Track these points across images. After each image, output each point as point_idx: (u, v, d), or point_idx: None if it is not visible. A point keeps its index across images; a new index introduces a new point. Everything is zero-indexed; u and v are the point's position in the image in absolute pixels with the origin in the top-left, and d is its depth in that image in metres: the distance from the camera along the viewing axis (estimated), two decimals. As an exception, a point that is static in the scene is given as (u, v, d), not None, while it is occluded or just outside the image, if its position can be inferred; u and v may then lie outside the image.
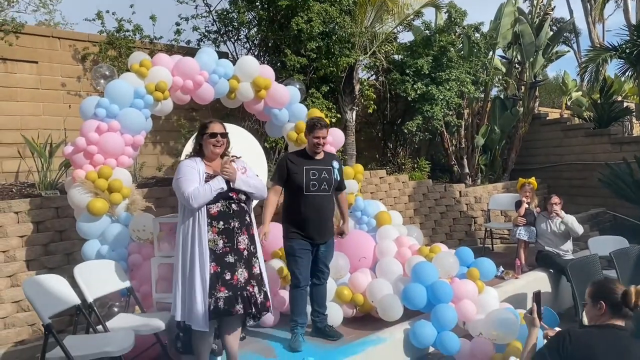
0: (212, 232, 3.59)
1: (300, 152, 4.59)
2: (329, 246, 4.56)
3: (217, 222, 3.62)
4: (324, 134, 4.42)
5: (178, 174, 3.65)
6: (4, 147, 6.17)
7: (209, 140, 3.75)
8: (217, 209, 3.64)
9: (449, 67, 8.79)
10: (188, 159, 3.82)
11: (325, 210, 4.47)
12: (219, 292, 3.55)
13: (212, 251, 3.58)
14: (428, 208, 8.83)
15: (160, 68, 4.99)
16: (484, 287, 5.07)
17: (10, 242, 4.86)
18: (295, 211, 4.39)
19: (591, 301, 2.86)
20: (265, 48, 7.90)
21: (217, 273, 3.56)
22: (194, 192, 3.52)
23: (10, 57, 6.20)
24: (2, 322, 4.71)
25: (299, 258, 4.37)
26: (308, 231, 4.38)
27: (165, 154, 7.46)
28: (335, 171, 4.53)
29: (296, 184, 4.36)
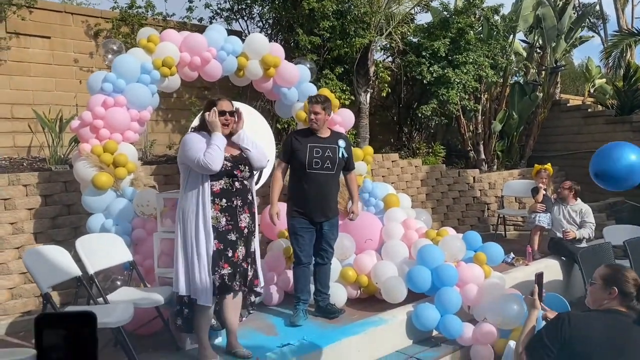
0: (214, 209, 3.59)
1: (306, 130, 4.58)
2: (332, 225, 4.52)
3: (220, 199, 3.60)
4: (317, 109, 4.37)
5: (184, 146, 3.59)
6: (17, 121, 6.23)
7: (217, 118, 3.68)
8: (220, 186, 3.62)
9: (466, 50, 8.61)
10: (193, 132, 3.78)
11: (328, 189, 4.42)
12: (223, 268, 3.57)
13: (215, 228, 3.58)
14: (441, 193, 8.72)
15: (167, 44, 4.96)
16: (490, 272, 4.99)
17: (18, 214, 4.92)
18: (298, 189, 4.38)
19: (602, 283, 2.73)
20: (278, 27, 7.81)
21: (219, 250, 3.58)
22: (207, 156, 3.47)
23: (23, 31, 6.23)
24: (9, 293, 4.78)
25: (300, 237, 4.37)
26: (310, 209, 4.35)
27: (176, 132, 7.46)
28: (341, 150, 4.47)
29: (299, 161, 4.35)
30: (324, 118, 4.45)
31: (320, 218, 4.41)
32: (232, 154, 3.71)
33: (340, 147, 4.47)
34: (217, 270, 3.56)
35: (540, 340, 2.66)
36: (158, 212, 4.38)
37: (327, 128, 4.56)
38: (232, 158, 3.70)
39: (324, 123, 4.49)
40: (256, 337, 4.20)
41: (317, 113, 4.40)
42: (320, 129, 4.45)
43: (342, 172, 4.63)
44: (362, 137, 8.17)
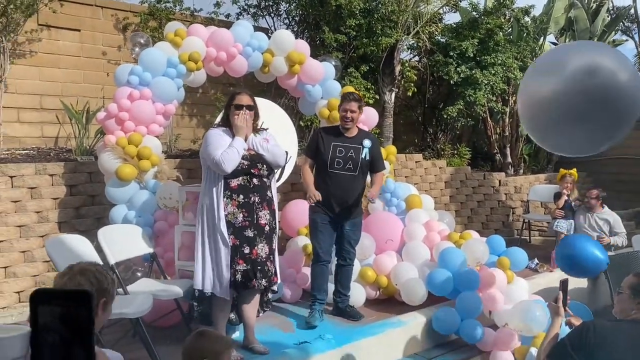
0: (232, 205, 3.60)
1: (333, 128, 4.52)
2: (355, 225, 4.43)
3: (237, 195, 3.61)
4: (353, 107, 4.27)
5: (205, 142, 3.64)
6: (45, 112, 6.33)
7: (235, 111, 3.70)
8: (237, 182, 3.63)
9: (495, 51, 8.47)
10: (216, 128, 3.81)
11: (350, 190, 4.31)
12: (237, 264, 3.58)
13: (231, 224, 3.59)
14: (465, 196, 8.59)
15: (194, 38, 4.98)
16: (513, 277, 4.89)
17: (44, 203, 4.99)
18: (320, 187, 4.29)
19: (630, 293, 2.64)
20: (304, 24, 7.79)
21: (235, 246, 3.58)
22: (223, 155, 3.49)
23: (54, 24, 6.33)
24: (33, 280, 4.86)
25: (320, 232, 4.31)
26: (331, 207, 4.29)
27: (201, 127, 7.50)
28: (365, 150, 4.34)
29: (322, 159, 4.29)
30: (358, 117, 4.36)
31: (341, 218, 4.34)
32: (250, 152, 3.71)
33: (364, 147, 4.34)
34: (233, 265, 3.58)
35: (563, 348, 2.59)
36: (180, 205, 4.40)
37: (355, 127, 4.44)
38: (250, 156, 3.69)
39: (356, 122, 4.40)
40: (273, 333, 4.19)
41: (354, 111, 4.28)
42: (352, 127, 4.36)
43: (370, 173, 4.48)
44: (385, 137, 8.09)
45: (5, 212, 4.78)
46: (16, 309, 4.69)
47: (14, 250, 4.78)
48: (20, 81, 6.12)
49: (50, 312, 0.90)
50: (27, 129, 6.23)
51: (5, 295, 4.67)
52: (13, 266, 4.76)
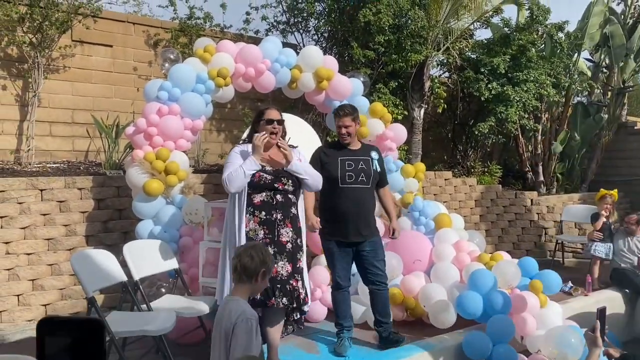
0: (253, 221, 3.55)
1: (335, 143, 4.30)
2: (374, 245, 4.14)
3: (260, 212, 3.55)
4: (346, 122, 4.05)
5: (226, 160, 3.67)
6: (77, 126, 6.43)
7: (265, 126, 3.65)
8: (261, 198, 3.58)
9: (527, 67, 8.30)
10: (241, 144, 3.77)
11: (365, 204, 4.07)
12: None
13: (252, 240, 3.51)
14: (496, 215, 8.40)
15: (223, 54, 4.99)
16: (547, 301, 4.70)
17: (72, 216, 5.04)
18: (331, 206, 4.07)
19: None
20: (333, 40, 7.78)
21: None
22: (229, 175, 3.46)
23: (87, 40, 6.45)
24: (59, 293, 4.89)
25: (336, 260, 4.10)
26: (344, 228, 4.02)
27: (228, 142, 7.52)
28: (375, 162, 4.15)
29: (330, 176, 4.02)
30: (355, 129, 4.13)
31: (357, 237, 4.04)
32: (274, 166, 3.65)
33: (373, 159, 4.16)
34: None
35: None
36: (205, 221, 4.38)
37: (357, 140, 4.24)
38: (274, 171, 3.63)
39: (355, 135, 4.17)
40: (297, 354, 4.10)
41: (348, 126, 4.07)
42: (353, 141, 4.15)
43: (376, 188, 4.28)
44: (414, 154, 7.98)
45: (35, 225, 4.83)
46: (42, 321, 4.71)
47: (42, 263, 4.82)
48: (53, 95, 6.24)
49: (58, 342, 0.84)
50: (59, 142, 6.33)
51: (32, 308, 4.71)
52: (41, 279, 4.79)
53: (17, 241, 4.73)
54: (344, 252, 4.10)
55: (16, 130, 6.01)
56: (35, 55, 5.82)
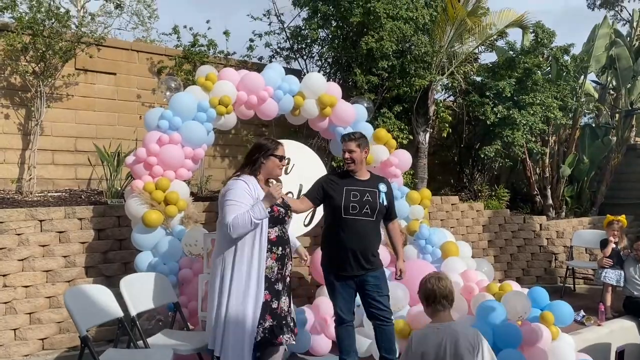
0: (271, 258, 3.41)
1: (343, 172, 4.16)
2: (377, 279, 3.98)
3: (277, 247, 3.45)
4: (351, 147, 3.94)
5: (228, 194, 3.32)
6: (80, 154, 6.39)
7: (276, 162, 3.56)
8: (276, 234, 3.47)
9: (533, 90, 8.24)
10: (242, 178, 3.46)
11: (367, 237, 3.93)
12: (266, 321, 3.37)
13: (267, 278, 3.40)
14: (504, 240, 8.24)
15: (225, 82, 4.96)
16: (559, 333, 4.54)
17: (71, 247, 4.95)
18: (333, 237, 3.96)
19: None
20: (337, 66, 7.75)
21: (266, 302, 3.39)
22: (234, 221, 3.22)
23: (91, 68, 6.45)
24: (57, 326, 4.78)
25: (339, 294, 3.98)
26: (345, 260, 3.88)
27: (232, 168, 7.45)
28: (382, 195, 4.01)
29: (334, 205, 3.93)
30: (361, 156, 3.99)
31: (357, 270, 3.90)
32: (283, 198, 3.58)
33: (381, 191, 4.01)
34: (262, 323, 3.34)
35: None
36: (205, 252, 4.28)
37: (365, 170, 4.11)
38: (284, 204, 3.57)
39: (361, 163, 4.02)
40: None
41: (352, 151, 3.94)
42: (357, 169, 4.01)
43: (383, 222, 4.17)
44: (420, 178, 7.88)
45: (33, 257, 4.75)
46: (39, 356, 4.60)
47: (40, 296, 4.73)
48: (56, 124, 6.22)
49: None
50: (61, 170, 6.28)
51: (29, 342, 4.60)
52: (38, 312, 4.70)
53: (15, 273, 4.65)
54: (345, 285, 3.97)
55: (18, 159, 5.98)
56: (38, 84, 5.81)
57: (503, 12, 8.28)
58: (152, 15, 13.87)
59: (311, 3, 7.23)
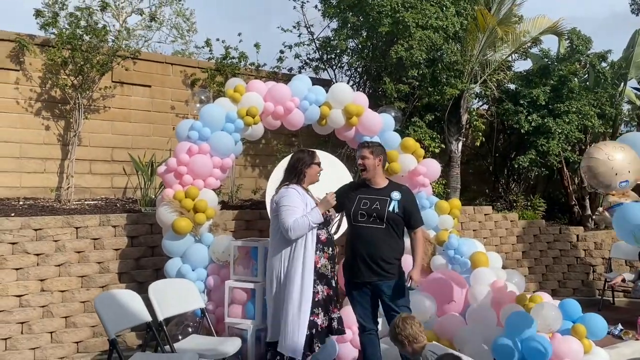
0: (324, 257, 3.73)
1: (362, 181, 4.14)
2: (392, 289, 3.91)
3: (328, 248, 3.78)
4: (363, 153, 3.95)
5: (283, 200, 3.67)
6: (116, 164, 6.62)
7: (316, 169, 3.90)
8: (325, 235, 3.79)
9: (569, 98, 8.07)
10: (292, 186, 3.76)
11: (377, 244, 3.86)
12: (333, 312, 3.79)
13: (324, 275, 3.72)
14: (539, 251, 8.05)
15: (252, 94, 5.06)
16: (591, 346, 4.41)
17: (105, 254, 5.12)
18: (348, 244, 4.01)
19: None
20: (366, 76, 7.79)
21: (329, 295, 3.77)
22: (294, 224, 3.58)
23: (127, 80, 6.68)
24: (91, 330, 4.93)
25: (357, 304, 3.99)
26: (358, 267, 3.89)
27: (262, 178, 7.56)
28: (393, 203, 3.94)
29: (347, 213, 4.00)
30: (374, 163, 3.96)
31: (370, 277, 3.86)
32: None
33: (393, 199, 3.93)
34: (329, 313, 3.73)
35: None
36: (231, 260, 4.36)
37: (382, 178, 4.06)
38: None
39: (375, 169, 3.98)
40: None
41: (365, 157, 3.94)
42: (370, 177, 3.98)
43: (407, 230, 4.09)
44: (452, 188, 7.81)
45: (69, 263, 4.93)
46: (74, 359, 4.76)
47: (75, 300, 4.90)
48: (94, 135, 6.46)
49: None
50: (98, 180, 6.51)
51: (64, 345, 4.76)
52: (73, 316, 4.86)
53: (52, 278, 4.83)
54: (361, 292, 3.97)
55: (58, 169, 6.23)
56: (77, 96, 6.06)
57: (537, 19, 8.16)
58: (190, 28, 14.25)
59: (340, 14, 7.30)
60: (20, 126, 6.04)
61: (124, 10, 9.56)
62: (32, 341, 4.62)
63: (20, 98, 6.04)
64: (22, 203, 5.74)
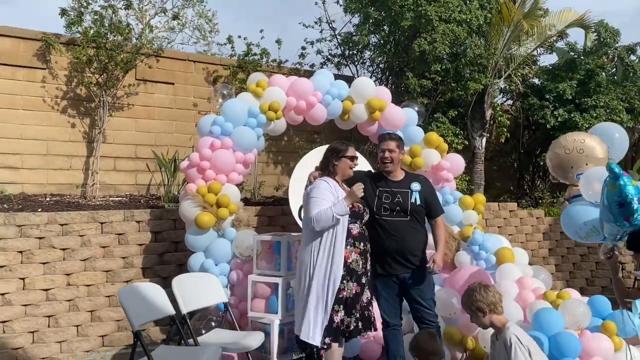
0: (355, 252, 3.62)
1: (378, 173, 4.10)
2: (419, 282, 3.89)
3: (359, 243, 3.67)
4: (391, 146, 3.88)
5: (312, 192, 3.59)
6: (140, 161, 6.68)
7: (348, 162, 3.75)
8: (358, 230, 3.68)
9: (596, 92, 7.91)
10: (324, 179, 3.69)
11: (403, 236, 3.83)
12: (357, 312, 3.59)
13: (354, 271, 3.59)
14: (566, 249, 7.89)
15: (275, 88, 5.04)
16: (622, 345, 4.29)
17: (130, 249, 5.16)
18: (372, 235, 3.88)
19: None
20: (389, 71, 7.73)
21: (357, 293, 3.58)
22: (317, 215, 3.49)
23: (150, 78, 6.74)
24: (116, 324, 4.98)
25: (381, 297, 3.93)
26: (385, 259, 3.85)
27: (285, 175, 7.56)
28: (415, 194, 3.90)
29: (369, 205, 3.88)
30: (399, 157, 3.96)
31: (397, 270, 3.84)
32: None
33: (413, 191, 3.91)
34: (353, 313, 3.56)
35: None
36: (254, 254, 4.35)
37: (400, 170, 4.03)
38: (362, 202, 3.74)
39: (398, 163, 3.97)
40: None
41: (392, 150, 3.88)
42: (393, 170, 3.93)
43: (427, 220, 4.06)
44: (476, 184, 7.70)
45: (95, 257, 4.99)
46: (99, 352, 4.80)
47: (100, 295, 4.95)
48: (118, 132, 6.53)
49: None
50: (122, 176, 6.58)
51: (90, 338, 4.81)
52: (98, 310, 4.91)
53: (78, 273, 4.89)
54: (386, 286, 3.92)
55: (83, 166, 6.31)
56: (101, 94, 6.13)
57: (563, 12, 8.00)
58: (212, 29, 14.34)
59: (362, 9, 7.26)
60: (47, 124, 6.14)
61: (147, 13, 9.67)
62: (58, 334, 4.68)
63: (46, 96, 6.14)
64: (49, 199, 5.83)
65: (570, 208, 3.99)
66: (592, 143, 4.06)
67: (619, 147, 4.28)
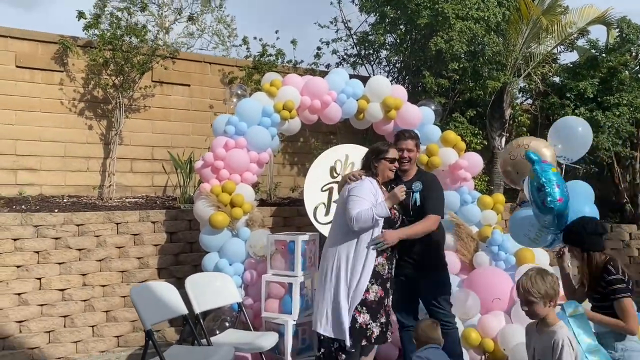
0: (382, 256, 3.53)
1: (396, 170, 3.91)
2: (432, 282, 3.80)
3: (387, 248, 3.55)
4: (409, 146, 3.78)
5: (354, 190, 3.50)
6: (156, 162, 6.70)
7: (387, 164, 3.64)
8: None
9: (619, 90, 7.71)
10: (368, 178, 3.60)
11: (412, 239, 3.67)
12: (382, 317, 3.51)
13: (380, 275, 3.50)
14: (588, 250, 7.68)
15: (289, 87, 5.01)
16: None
17: (145, 249, 5.17)
18: None
19: None
20: (405, 71, 7.64)
21: (381, 298, 3.51)
22: (357, 215, 3.40)
23: (166, 80, 6.76)
24: (131, 325, 4.98)
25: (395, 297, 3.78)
26: (398, 263, 3.73)
27: (301, 176, 7.51)
28: (415, 196, 3.78)
29: None
30: (416, 156, 3.88)
31: (408, 270, 3.77)
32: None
33: (414, 191, 3.79)
34: (378, 318, 3.48)
35: None
36: (268, 254, 4.31)
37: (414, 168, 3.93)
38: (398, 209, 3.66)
39: (414, 163, 3.89)
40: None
41: (410, 150, 3.78)
42: (410, 169, 3.84)
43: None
44: (495, 184, 7.56)
45: (110, 258, 5.00)
46: (114, 353, 4.81)
47: (116, 295, 4.96)
48: (134, 134, 6.56)
49: None
50: (139, 178, 6.61)
51: (105, 339, 4.82)
52: (114, 310, 4.92)
53: (94, 273, 4.91)
54: (401, 287, 3.82)
55: (100, 167, 6.35)
56: (118, 95, 6.17)
57: (584, 9, 7.83)
58: (231, 34, 14.40)
59: (378, 8, 7.19)
60: (64, 126, 6.19)
61: (167, 19, 9.75)
62: (74, 334, 4.70)
63: (64, 98, 6.19)
64: (66, 200, 5.87)
65: (516, 214, 3.90)
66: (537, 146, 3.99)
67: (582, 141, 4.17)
